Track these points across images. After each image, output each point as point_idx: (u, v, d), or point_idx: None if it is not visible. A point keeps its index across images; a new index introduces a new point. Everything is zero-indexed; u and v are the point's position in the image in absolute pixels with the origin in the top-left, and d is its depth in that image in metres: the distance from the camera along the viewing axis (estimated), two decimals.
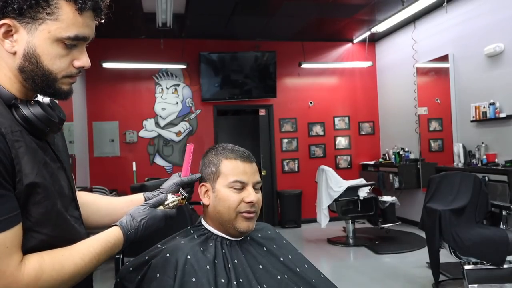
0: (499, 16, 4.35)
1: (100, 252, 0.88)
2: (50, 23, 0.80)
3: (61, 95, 0.87)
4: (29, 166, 0.77)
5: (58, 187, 0.85)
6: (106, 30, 5.58)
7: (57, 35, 0.81)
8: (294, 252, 1.25)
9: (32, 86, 0.84)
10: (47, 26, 0.80)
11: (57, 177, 0.86)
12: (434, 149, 5.72)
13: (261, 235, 1.24)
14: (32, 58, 0.81)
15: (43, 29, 0.80)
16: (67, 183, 0.91)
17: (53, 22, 0.80)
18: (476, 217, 3.09)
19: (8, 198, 0.74)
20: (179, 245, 1.09)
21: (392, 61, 6.52)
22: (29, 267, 0.77)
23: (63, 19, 0.81)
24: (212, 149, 1.21)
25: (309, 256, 1.32)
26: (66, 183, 0.90)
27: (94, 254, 0.86)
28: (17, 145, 0.76)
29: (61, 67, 0.84)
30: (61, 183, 0.87)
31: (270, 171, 6.61)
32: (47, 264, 0.79)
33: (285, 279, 1.13)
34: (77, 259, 0.83)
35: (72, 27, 0.82)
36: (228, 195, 1.13)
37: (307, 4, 5.05)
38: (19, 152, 0.76)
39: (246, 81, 6.40)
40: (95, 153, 6.08)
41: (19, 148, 0.77)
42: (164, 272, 1.03)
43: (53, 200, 0.82)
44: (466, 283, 2.90)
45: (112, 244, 0.91)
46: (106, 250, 0.89)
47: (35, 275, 0.77)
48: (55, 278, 0.79)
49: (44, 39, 0.80)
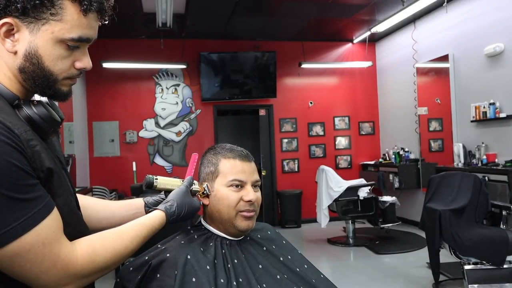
0: (499, 16, 4.35)
1: (146, 236, 0.94)
2: (54, 23, 0.79)
3: (61, 97, 0.86)
4: (47, 163, 0.78)
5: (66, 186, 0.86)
6: (106, 30, 5.53)
7: (60, 36, 0.80)
8: (294, 252, 1.25)
9: (32, 86, 0.83)
10: (51, 26, 0.79)
11: (64, 176, 0.86)
12: (434, 149, 5.72)
13: (260, 236, 1.24)
14: (33, 58, 0.80)
15: (46, 29, 0.79)
16: (69, 183, 0.91)
17: (56, 23, 0.79)
18: (476, 217, 3.09)
19: (40, 185, 0.75)
20: (180, 245, 1.09)
21: (392, 61, 6.52)
22: (82, 250, 0.80)
23: (67, 20, 0.79)
24: (211, 149, 1.21)
25: (309, 256, 1.32)
26: (69, 183, 0.91)
27: (141, 237, 0.92)
28: (32, 144, 0.76)
29: (62, 68, 0.83)
30: (67, 182, 0.87)
31: (270, 171, 6.61)
32: (98, 247, 0.82)
33: (284, 279, 1.13)
34: (127, 242, 0.88)
35: (76, 29, 0.81)
36: (227, 194, 1.13)
37: (307, 4, 5.05)
38: (35, 151, 0.76)
39: (246, 81, 6.40)
40: (95, 153, 6.08)
41: (35, 147, 0.77)
42: (164, 272, 1.03)
43: (68, 196, 0.85)
44: (466, 283, 2.90)
45: (156, 229, 0.97)
46: (150, 234, 0.95)
47: (89, 257, 0.80)
48: (108, 259, 0.83)
49: (47, 40, 0.79)
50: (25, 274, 0.73)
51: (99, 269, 0.82)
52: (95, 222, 1.08)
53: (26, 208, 0.71)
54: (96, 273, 0.82)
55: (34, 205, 0.73)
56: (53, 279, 0.75)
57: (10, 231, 0.70)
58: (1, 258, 0.71)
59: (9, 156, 0.70)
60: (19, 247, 0.71)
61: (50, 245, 0.74)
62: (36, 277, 0.74)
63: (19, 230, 0.70)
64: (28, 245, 0.72)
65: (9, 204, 0.70)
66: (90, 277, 0.82)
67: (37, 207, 0.73)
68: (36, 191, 0.74)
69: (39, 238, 0.73)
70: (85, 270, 0.79)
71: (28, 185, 0.72)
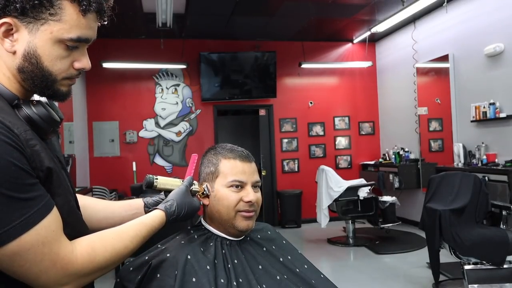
0: (499, 16, 4.35)
1: (146, 236, 0.94)
2: (53, 23, 0.79)
3: (60, 97, 0.86)
4: (47, 162, 0.78)
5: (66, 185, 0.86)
6: (106, 30, 5.54)
7: (59, 36, 0.80)
8: (294, 252, 1.25)
9: (31, 86, 0.83)
10: (50, 26, 0.79)
11: (64, 176, 0.86)
12: (434, 149, 5.72)
13: (260, 236, 1.24)
14: (32, 58, 0.80)
15: (45, 29, 0.79)
16: (69, 183, 0.91)
17: (55, 23, 0.79)
18: (476, 217, 3.09)
19: (39, 185, 0.76)
20: (180, 245, 1.10)
21: (392, 61, 6.52)
22: (82, 249, 0.80)
23: (66, 20, 0.79)
24: (211, 149, 1.21)
25: (309, 256, 1.32)
26: (68, 183, 0.91)
27: (141, 237, 0.92)
28: (31, 144, 0.76)
29: (61, 68, 0.83)
30: (66, 182, 0.87)
31: (270, 171, 6.61)
32: (98, 247, 0.83)
33: (284, 280, 1.13)
34: (127, 242, 0.88)
35: (75, 29, 0.81)
36: (227, 194, 1.13)
37: (307, 4, 5.05)
38: (34, 151, 0.76)
39: (246, 81, 6.40)
40: (95, 153, 6.08)
41: (34, 146, 0.77)
42: (165, 272, 1.03)
43: (68, 196, 0.85)
44: (466, 283, 2.90)
45: (156, 228, 0.97)
46: (150, 234, 0.95)
47: (88, 256, 0.80)
48: (108, 258, 0.84)
49: (46, 40, 0.79)
50: (25, 273, 0.73)
51: (98, 268, 0.82)
52: (95, 222, 1.08)
53: (26, 207, 0.71)
54: (95, 272, 0.82)
55: (34, 205, 0.73)
56: (53, 278, 0.75)
57: (10, 230, 0.70)
58: (0, 257, 0.70)
59: (9, 155, 0.70)
60: (19, 247, 0.71)
61: (50, 245, 0.74)
62: (35, 276, 0.74)
63: (19, 229, 0.70)
64: (28, 245, 0.72)
65: (9, 203, 0.70)
66: (89, 276, 0.82)
67: (37, 207, 0.73)
68: (35, 190, 0.74)
69: (39, 238, 0.73)
70: (85, 269, 0.79)
71: (28, 185, 0.72)
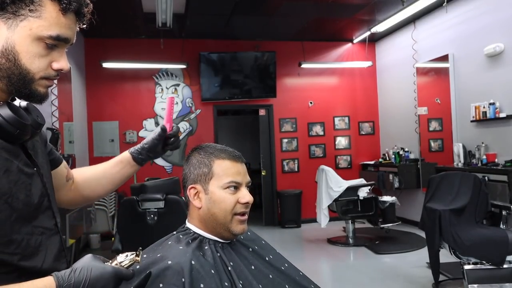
0: (499, 16, 4.35)
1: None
2: (33, 20, 0.78)
3: (37, 97, 0.84)
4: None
5: (23, 196, 0.80)
6: (106, 30, 5.59)
7: (39, 33, 0.79)
8: (273, 252, 1.25)
9: (7, 85, 0.81)
10: (29, 23, 0.78)
11: (24, 185, 0.81)
12: (434, 149, 5.72)
13: (243, 237, 1.22)
14: (10, 55, 0.78)
15: (25, 26, 0.78)
16: (41, 190, 0.86)
17: (35, 20, 0.78)
18: (476, 217, 3.09)
19: None
20: (179, 250, 1.04)
21: (392, 61, 6.52)
22: None
23: (46, 17, 0.79)
24: (199, 149, 1.17)
25: (309, 256, 1.33)
26: (40, 190, 0.85)
27: None
28: None
29: (39, 67, 0.81)
30: (30, 191, 0.82)
31: (270, 171, 6.61)
32: None
33: (276, 278, 1.14)
34: None
35: (54, 27, 0.80)
36: (224, 197, 1.10)
37: (307, 4, 5.05)
38: None
39: (246, 81, 6.40)
40: (95, 153, 6.07)
41: None
42: (169, 281, 0.96)
43: (4, 212, 0.76)
44: (466, 283, 2.90)
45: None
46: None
47: None
48: None
49: (25, 37, 0.78)
50: None
51: None
52: (100, 190, 1.19)
53: None
54: None
55: None
56: None
57: None
58: None
59: None
60: None
61: None
62: None
63: None
64: None
65: None
66: None
67: None
68: None
69: None
70: None
71: None
